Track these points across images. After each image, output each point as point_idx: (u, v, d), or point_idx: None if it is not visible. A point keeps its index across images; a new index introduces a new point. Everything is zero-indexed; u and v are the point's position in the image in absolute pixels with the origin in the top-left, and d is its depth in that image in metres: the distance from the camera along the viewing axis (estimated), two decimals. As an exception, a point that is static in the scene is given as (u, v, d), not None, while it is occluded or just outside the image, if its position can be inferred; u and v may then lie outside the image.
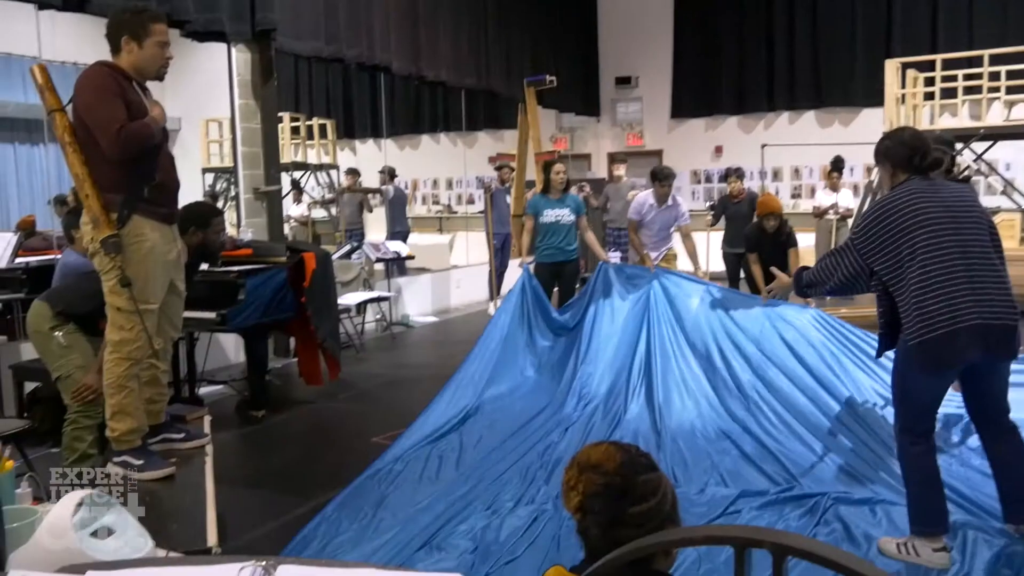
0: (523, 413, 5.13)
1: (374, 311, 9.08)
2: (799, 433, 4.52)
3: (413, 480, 4.20)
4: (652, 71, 14.42)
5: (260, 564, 1.15)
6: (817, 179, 12.85)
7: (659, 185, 6.91)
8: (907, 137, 3.29)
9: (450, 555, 3.32)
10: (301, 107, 12.84)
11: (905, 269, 3.01)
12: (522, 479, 4.13)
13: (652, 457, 1.64)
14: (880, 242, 3.09)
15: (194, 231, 4.20)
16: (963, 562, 3.12)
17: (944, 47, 11.98)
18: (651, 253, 6.92)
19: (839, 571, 0.87)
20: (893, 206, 3.10)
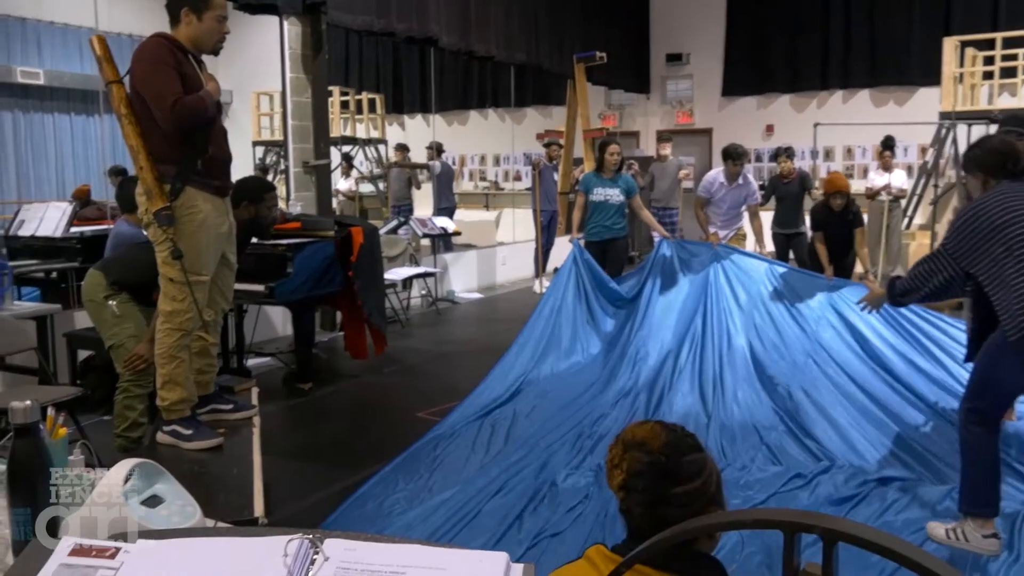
0: (578, 385, 5.18)
1: (420, 286, 9.13)
2: (849, 417, 4.48)
3: (467, 447, 4.30)
4: (703, 48, 14.20)
5: (307, 537, 1.16)
6: (870, 159, 12.58)
7: (732, 164, 6.90)
8: (997, 144, 3.27)
9: (497, 524, 3.37)
10: (351, 81, 12.90)
11: (1002, 266, 2.95)
12: (572, 451, 4.17)
13: (697, 437, 1.62)
14: (973, 243, 3.04)
15: (247, 205, 4.26)
16: (1014, 549, 3.06)
17: (1005, 25, 11.60)
18: (720, 232, 6.95)
19: (890, 557, 0.85)
20: (984, 207, 3.06)
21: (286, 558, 1.12)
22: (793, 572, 0.94)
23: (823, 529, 0.87)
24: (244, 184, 4.35)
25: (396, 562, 1.11)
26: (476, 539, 3.27)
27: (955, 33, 11.32)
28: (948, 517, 3.26)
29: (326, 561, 1.12)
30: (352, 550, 1.14)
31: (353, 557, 1.13)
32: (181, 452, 3.31)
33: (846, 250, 6.60)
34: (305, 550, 1.13)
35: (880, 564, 2.72)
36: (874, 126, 11.42)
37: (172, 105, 3.13)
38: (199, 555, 1.19)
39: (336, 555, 1.13)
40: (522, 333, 5.63)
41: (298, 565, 1.11)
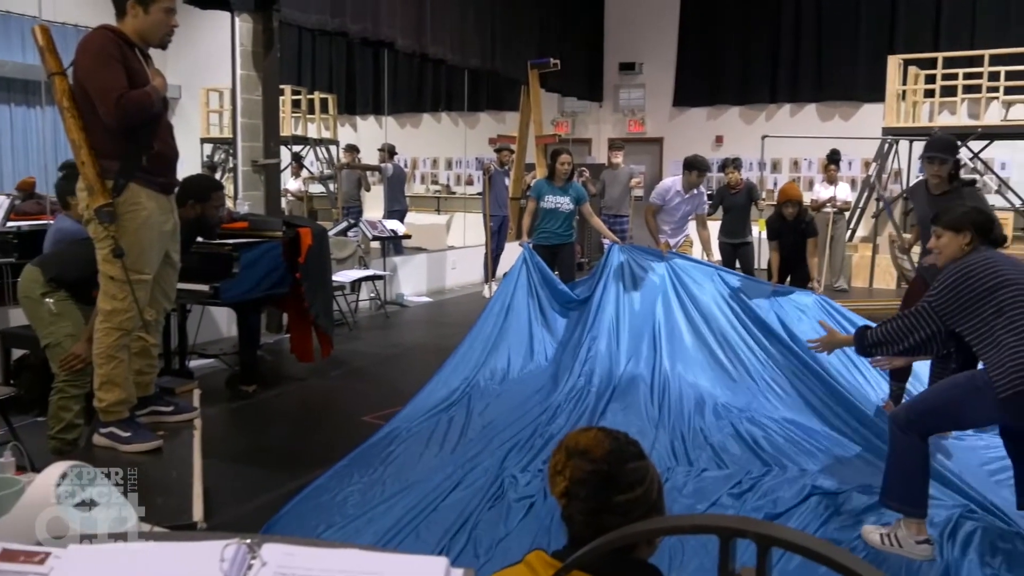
0: (531, 384, 5.25)
1: (369, 289, 9.07)
2: (796, 418, 4.62)
3: (421, 443, 4.33)
4: (656, 58, 14.36)
5: (245, 542, 1.14)
6: (816, 172, 12.85)
7: (696, 175, 7.07)
8: (978, 209, 3.41)
9: (450, 524, 3.37)
10: (303, 80, 12.79)
11: (991, 327, 3.03)
12: (523, 449, 4.21)
13: (640, 444, 1.63)
14: (962, 303, 3.12)
15: (193, 204, 4.19)
16: (944, 556, 3.14)
17: (946, 45, 11.96)
18: (670, 239, 7.10)
19: (821, 562, 0.87)
20: (974, 270, 3.15)
21: (223, 563, 1.10)
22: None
23: (756, 534, 0.88)
24: (191, 182, 4.28)
25: (334, 567, 1.10)
26: (428, 540, 3.27)
27: (899, 52, 11.62)
28: (884, 523, 3.33)
29: (263, 566, 1.10)
30: (290, 555, 1.13)
31: (291, 562, 1.11)
32: (118, 455, 3.25)
33: (802, 259, 6.73)
34: (242, 555, 1.11)
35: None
36: (820, 140, 11.66)
37: (117, 100, 3.07)
38: (132, 560, 1.17)
39: (274, 560, 1.11)
40: (471, 332, 5.69)
41: (235, 570, 1.09)
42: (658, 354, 5.40)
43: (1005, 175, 11.94)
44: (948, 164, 4.50)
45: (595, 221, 7.23)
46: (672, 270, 5.88)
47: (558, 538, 3.19)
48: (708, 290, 5.76)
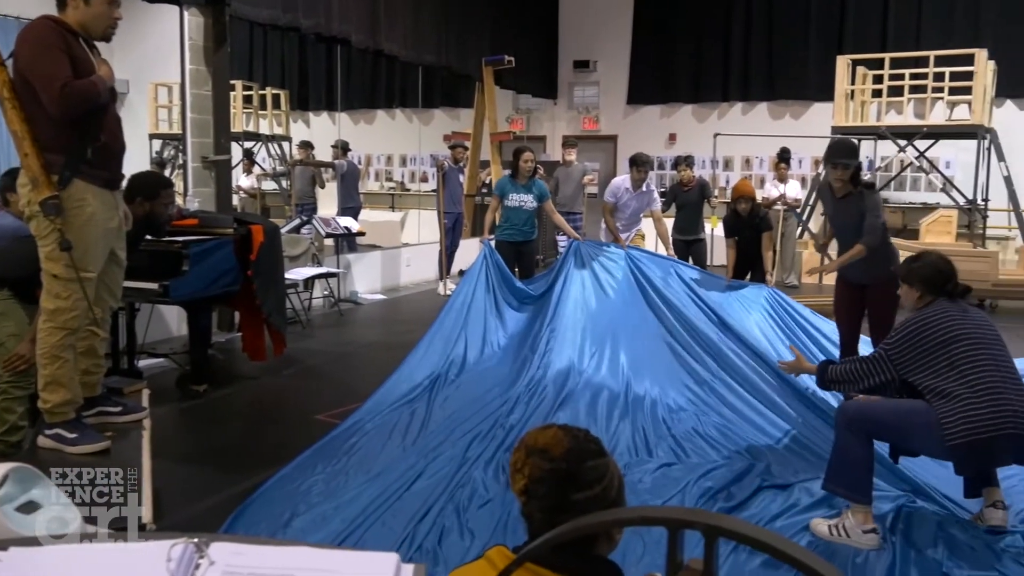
0: (491, 377, 5.31)
1: (322, 287, 8.99)
2: (752, 409, 4.71)
3: (384, 435, 4.38)
4: (610, 56, 14.45)
5: (192, 541, 1.13)
6: (767, 170, 13.03)
7: (636, 170, 7.30)
8: (939, 262, 3.46)
9: (408, 519, 3.39)
10: (255, 76, 12.61)
11: (944, 379, 3.14)
12: (484, 441, 4.26)
13: (601, 441, 1.63)
14: (916, 355, 3.23)
15: (141, 201, 4.12)
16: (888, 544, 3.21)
17: (893, 46, 12.21)
18: (621, 234, 7.31)
19: (767, 552, 0.88)
20: (928, 324, 3.27)
21: (169, 563, 1.08)
22: (676, 567, 0.96)
23: (704, 525, 0.89)
24: (139, 180, 4.21)
25: (284, 565, 1.09)
26: (394, 527, 3.32)
27: (847, 52, 11.83)
28: (833, 514, 3.40)
29: (211, 566, 1.09)
30: (239, 554, 1.12)
31: (240, 561, 1.10)
32: (64, 457, 3.18)
33: (759, 254, 6.87)
34: (189, 555, 1.10)
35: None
36: (771, 138, 11.83)
37: (61, 89, 3.01)
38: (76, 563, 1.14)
39: (222, 559, 1.10)
40: (433, 326, 5.74)
41: (181, 570, 1.08)
42: (617, 346, 5.47)
43: (950, 174, 12.22)
44: (850, 169, 4.66)
45: (557, 218, 7.41)
46: (632, 262, 6.01)
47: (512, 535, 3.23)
48: (665, 280, 5.87)
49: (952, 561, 3.06)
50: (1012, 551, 3.15)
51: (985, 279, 9.18)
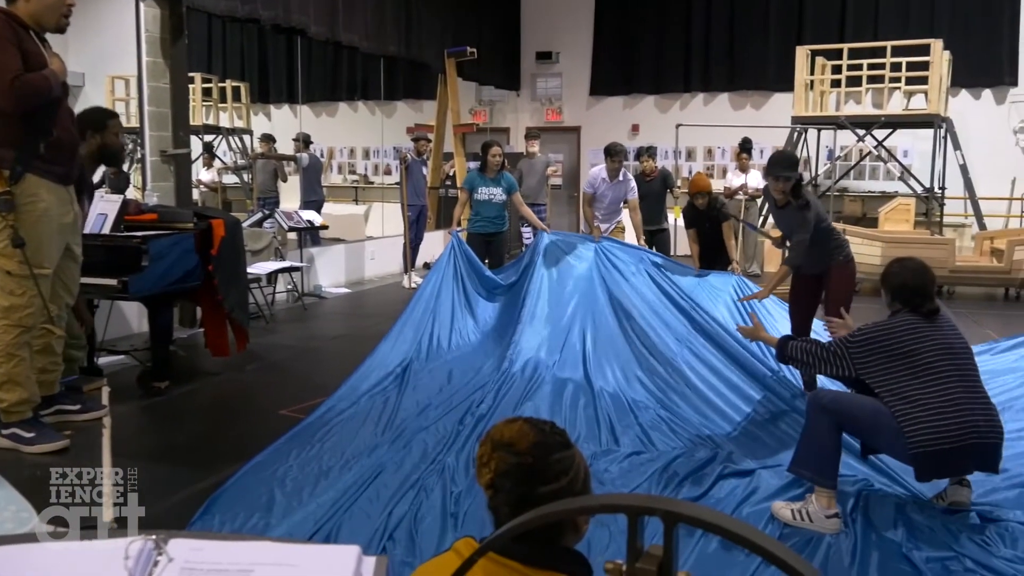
0: (461, 366, 5.37)
1: (285, 281, 8.92)
2: (719, 397, 4.75)
3: (357, 423, 4.46)
4: (573, 48, 14.46)
5: (150, 538, 1.11)
6: (729, 160, 13.14)
7: (611, 160, 7.35)
8: (910, 276, 3.46)
9: (379, 511, 3.42)
10: (213, 68, 12.43)
11: (904, 384, 3.21)
12: (454, 430, 4.29)
13: (567, 434, 1.63)
14: (877, 359, 3.30)
15: (92, 135, 4.12)
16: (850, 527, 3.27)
17: (851, 37, 12.37)
18: (601, 225, 7.40)
19: (725, 536, 0.89)
20: (893, 333, 3.32)
21: (127, 561, 1.07)
22: (636, 553, 0.97)
23: (663, 511, 0.90)
24: (85, 115, 4.23)
25: (244, 560, 1.08)
26: (362, 521, 3.33)
27: (807, 43, 11.96)
28: (794, 496, 3.45)
29: (170, 562, 1.08)
30: (199, 550, 1.11)
31: (199, 557, 1.09)
32: (21, 456, 3.13)
33: (722, 244, 6.97)
34: (148, 552, 1.09)
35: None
36: (733, 128, 11.92)
37: (11, 82, 2.95)
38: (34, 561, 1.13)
39: (181, 556, 1.09)
40: (402, 316, 5.79)
41: (140, 568, 1.07)
42: (585, 336, 5.50)
43: (907, 162, 12.42)
44: (790, 181, 4.74)
45: (524, 210, 7.45)
46: (601, 252, 6.06)
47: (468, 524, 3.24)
48: (635, 270, 5.92)
49: (911, 542, 3.12)
50: (970, 530, 3.21)
51: (942, 266, 9.34)
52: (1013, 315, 8.54)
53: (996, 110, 12.56)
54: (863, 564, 3.04)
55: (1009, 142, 12.52)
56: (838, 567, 3.04)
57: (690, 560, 2.95)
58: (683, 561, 2.94)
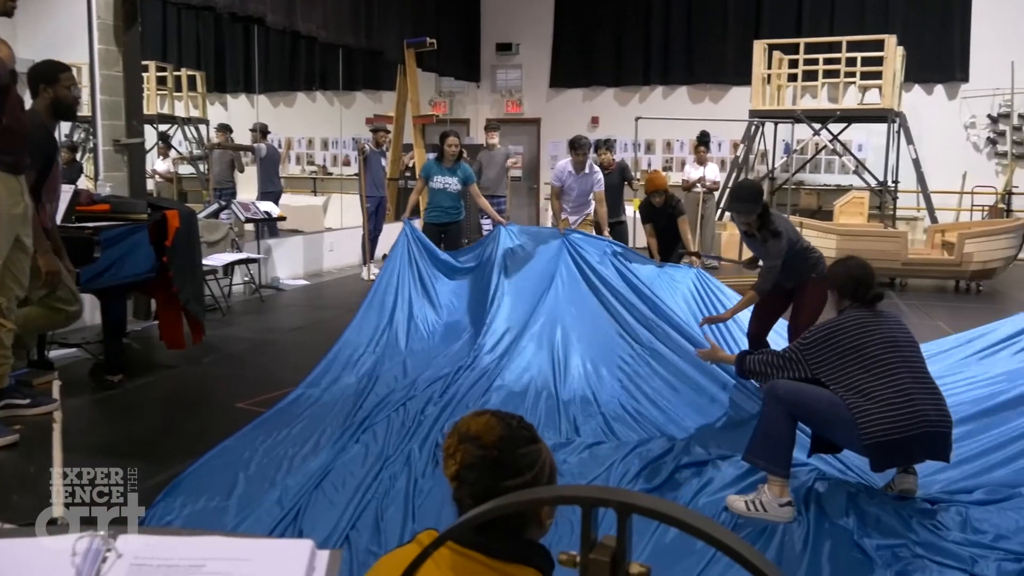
0: (423, 360, 5.37)
1: (242, 273, 8.81)
2: (681, 387, 4.79)
3: (322, 412, 4.49)
4: (533, 39, 14.46)
5: (98, 534, 1.09)
6: (688, 152, 13.24)
7: (575, 153, 7.37)
8: (854, 268, 3.60)
9: (344, 498, 3.46)
10: (168, 56, 12.22)
11: (856, 379, 3.28)
12: (418, 419, 4.34)
13: (534, 428, 1.64)
14: (829, 357, 3.38)
15: (44, 88, 4.06)
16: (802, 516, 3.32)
17: (808, 32, 12.52)
18: (570, 217, 7.42)
19: (681, 528, 0.90)
20: (841, 329, 3.42)
21: (75, 557, 1.05)
22: (590, 544, 0.97)
23: (617, 502, 0.91)
24: (36, 69, 4.18)
25: (196, 555, 1.07)
26: (338, 501, 3.39)
27: (764, 37, 12.08)
28: (751, 491, 3.49)
29: (119, 558, 1.06)
30: (148, 545, 1.09)
31: (150, 552, 1.07)
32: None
33: (676, 239, 7.05)
34: (96, 548, 1.07)
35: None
36: (691, 121, 12.01)
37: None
38: (-24, 560, 1.10)
39: (130, 551, 1.07)
40: (362, 306, 5.80)
41: (88, 564, 1.05)
42: (552, 325, 5.51)
43: (862, 156, 12.63)
44: (753, 214, 4.55)
45: (481, 202, 7.47)
46: (567, 243, 6.07)
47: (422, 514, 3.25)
48: (600, 260, 5.94)
49: (862, 530, 3.18)
50: (920, 515, 3.29)
51: (895, 258, 9.52)
52: (963, 307, 8.73)
53: (948, 105, 12.81)
54: (815, 552, 3.09)
55: (960, 137, 12.79)
56: (791, 555, 3.09)
57: (647, 551, 2.98)
58: (640, 552, 2.97)
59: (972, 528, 3.20)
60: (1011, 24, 12.29)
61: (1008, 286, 10.00)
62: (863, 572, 2.95)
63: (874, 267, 3.71)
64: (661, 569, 2.85)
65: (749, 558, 0.83)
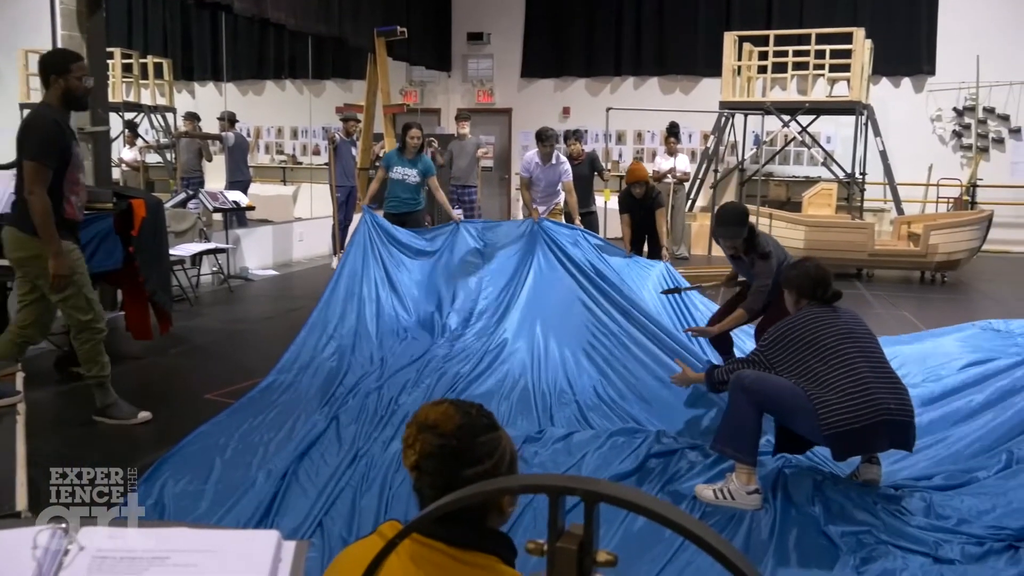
0: (394, 348, 5.38)
1: (211, 263, 8.73)
2: (653, 376, 4.79)
3: (296, 400, 4.56)
4: (504, 29, 14.42)
5: (60, 527, 1.08)
6: (658, 144, 13.29)
7: (542, 145, 7.43)
8: (812, 270, 3.66)
9: (317, 485, 3.50)
10: (134, 44, 12.04)
11: (815, 372, 3.33)
12: (388, 409, 4.37)
13: (494, 416, 1.63)
14: (788, 354, 3.44)
15: (55, 79, 4.02)
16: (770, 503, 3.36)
17: (778, 24, 12.59)
18: (539, 207, 7.46)
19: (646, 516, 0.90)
20: (797, 326, 3.49)
21: (35, 551, 1.04)
22: (558, 533, 0.97)
23: (584, 491, 0.91)
24: (47, 58, 4.17)
25: (160, 547, 1.06)
26: (309, 489, 3.41)
27: (735, 29, 12.14)
28: (718, 480, 3.52)
29: (81, 551, 1.05)
30: (111, 538, 1.08)
31: (112, 545, 1.06)
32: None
33: (652, 231, 7.11)
34: (57, 541, 1.05)
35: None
36: (662, 112, 12.05)
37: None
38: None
39: (93, 544, 1.06)
40: (325, 292, 5.78)
41: (49, 557, 1.03)
42: (530, 313, 5.53)
43: (830, 148, 12.74)
44: (738, 239, 4.53)
45: (439, 195, 7.45)
46: (541, 231, 6.06)
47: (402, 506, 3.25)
48: (573, 248, 5.95)
49: (828, 517, 3.22)
50: (885, 501, 3.33)
51: (862, 249, 9.63)
52: (928, 297, 8.86)
53: (915, 98, 12.96)
54: (782, 539, 3.13)
55: (927, 129, 12.94)
56: (758, 542, 3.13)
57: (615, 539, 3.00)
58: (609, 540, 2.98)
59: (936, 514, 3.26)
60: (977, 19, 12.45)
61: (972, 277, 10.16)
62: (829, 558, 2.99)
63: (841, 258, 3.79)
64: (631, 557, 2.87)
65: (713, 544, 0.83)
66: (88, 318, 4.24)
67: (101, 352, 4.35)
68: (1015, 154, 12.68)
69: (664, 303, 5.82)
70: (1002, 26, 12.33)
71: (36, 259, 4.06)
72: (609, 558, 0.95)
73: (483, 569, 1.45)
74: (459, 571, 1.43)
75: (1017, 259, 12.13)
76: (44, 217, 3.93)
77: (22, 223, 4.03)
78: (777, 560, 3.01)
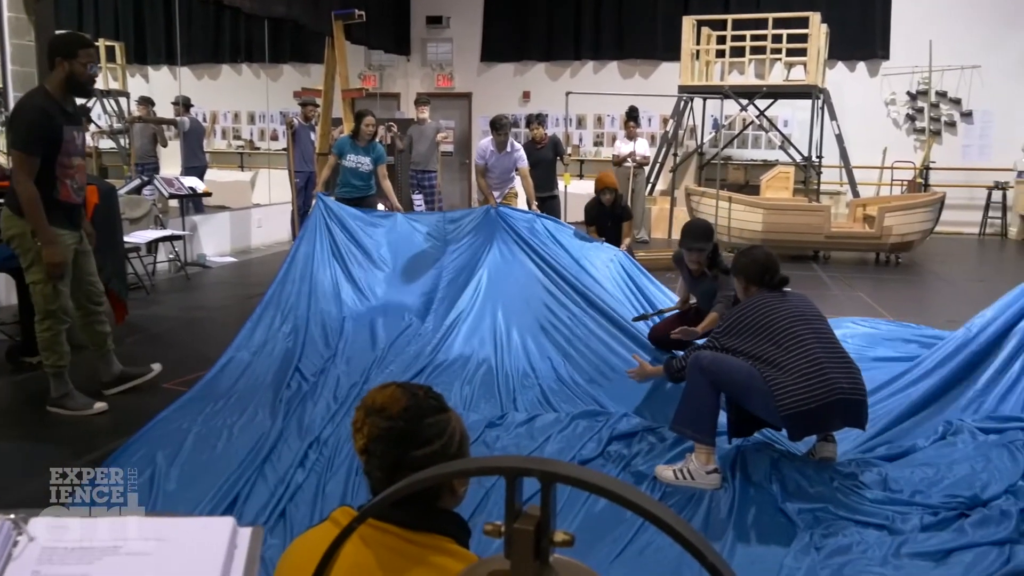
0: (356, 333, 5.35)
1: (167, 250, 8.60)
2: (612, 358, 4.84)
3: (256, 383, 4.54)
4: (463, 13, 14.34)
5: (8, 517, 1.06)
6: (618, 128, 13.33)
7: (496, 134, 7.49)
8: (760, 257, 3.72)
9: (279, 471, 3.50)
10: (85, 26, 11.77)
11: (770, 355, 3.36)
12: (349, 395, 4.35)
13: (443, 398, 1.63)
14: (742, 339, 3.47)
15: (60, 62, 3.95)
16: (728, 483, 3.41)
17: (736, 8, 12.67)
18: (494, 193, 7.57)
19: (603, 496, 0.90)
20: (748, 312, 3.54)
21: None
22: (515, 514, 0.97)
23: (539, 472, 0.91)
24: (55, 41, 4.09)
25: (112, 537, 1.04)
26: (260, 489, 3.36)
27: (693, 13, 12.19)
28: (679, 461, 3.56)
29: (31, 542, 1.03)
30: (62, 528, 1.06)
31: (63, 535, 1.04)
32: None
33: (619, 240, 7.07)
34: (6, 532, 1.03)
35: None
36: (622, 96, 12.09)
37: None
38: None
39: (43, 535, 1.04)
40: (279, 273, 5.76)
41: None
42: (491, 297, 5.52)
43: (787, 132, 12.88)
44: (704, 252, 4.60)
45: (385, 184, 7.46)
46: (498, 217, 6.06)
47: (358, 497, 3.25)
48: (530, 233, 5.95)
49: (785, 495, 3.27)
50: (842, 478, 3.40)
51: (818, 231, 9.76)
52: (883, 278, 9.01)
53: (869, 82, 13.14)
54: (740, 517, 3.18)
55: (881, 113, 13.14)
56: (717, 520, 3.17)
57: (576, 521, 3.02)
58: (570, 521, 3.01)
59: (890, 488, 3.32)
60: (930, 4, 12.64)
61: (925, 258, 10.36)
62: (787, 535, 3.04)
63: (798, 240, 3.84)
64: (592, 538, 2.89)
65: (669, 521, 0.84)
66: (53, 307, 4.20)
67: (61, 342, 4.29)
68: (966, 137, 12.93)
69: (620, 285, 5.85)
70: (955, 11, 12.54)
71: (21, 236, 4.10)
72: (566, 538, 0.95)
73: (436, 550, 1.45)
74: (412, 552, 1.43)
75: (968, 240, 12.39)
76: (31, 205, 3.96)
77: (12, 203, 4.12)
78: (736, 537, 3.05)
